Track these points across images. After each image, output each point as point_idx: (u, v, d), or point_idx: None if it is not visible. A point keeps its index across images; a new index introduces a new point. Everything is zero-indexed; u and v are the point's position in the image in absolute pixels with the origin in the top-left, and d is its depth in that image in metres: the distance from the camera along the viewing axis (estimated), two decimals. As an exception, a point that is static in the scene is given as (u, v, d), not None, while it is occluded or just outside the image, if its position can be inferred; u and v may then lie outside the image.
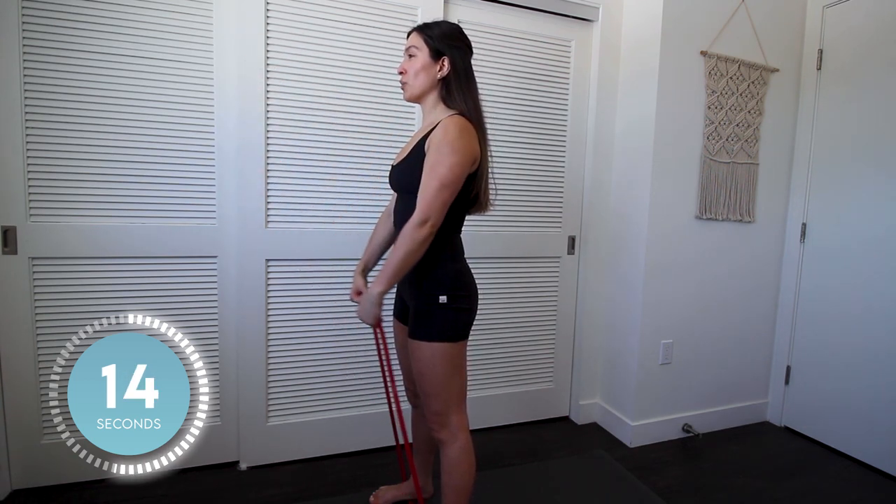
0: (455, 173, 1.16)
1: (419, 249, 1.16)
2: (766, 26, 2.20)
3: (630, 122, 2.19)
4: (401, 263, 1.16)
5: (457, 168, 1.15)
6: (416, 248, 1.16)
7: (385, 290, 1.19)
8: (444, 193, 1.15)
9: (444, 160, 1.15)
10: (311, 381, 1.91)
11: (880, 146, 2.01)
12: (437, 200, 1.15)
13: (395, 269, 1.17)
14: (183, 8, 1.65)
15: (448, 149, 1.15)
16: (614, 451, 2.09)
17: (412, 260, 1.17)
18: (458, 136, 1.16)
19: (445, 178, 1.15)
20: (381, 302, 1.21)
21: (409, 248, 1.15)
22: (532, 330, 2.28)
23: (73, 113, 1.58)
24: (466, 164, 1.18)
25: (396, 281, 1.20)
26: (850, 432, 2.11)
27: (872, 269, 2.04)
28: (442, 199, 1.15)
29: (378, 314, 1.23)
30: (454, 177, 1.16)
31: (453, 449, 1.27)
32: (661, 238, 2.11)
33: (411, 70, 1.26)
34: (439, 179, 1.14)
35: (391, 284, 1.18)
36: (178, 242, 1.72)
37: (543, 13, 2.10)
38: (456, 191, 1.18)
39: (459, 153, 1.15)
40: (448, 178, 1.15)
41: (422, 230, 1.14)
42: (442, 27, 1.26)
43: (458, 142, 1.16)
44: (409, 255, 1.16)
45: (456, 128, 1.17)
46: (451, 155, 1.15)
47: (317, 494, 1.71)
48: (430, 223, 1.15)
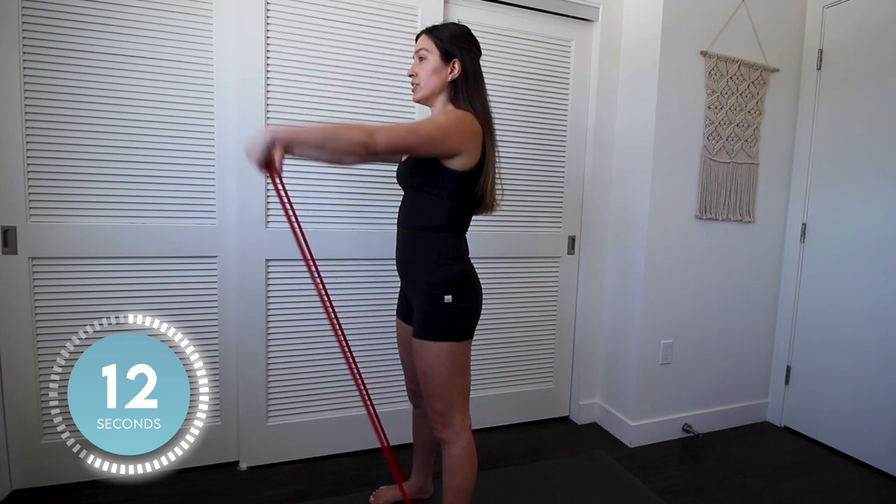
0: (432, 132, 1.14)
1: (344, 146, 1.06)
2: (766, 26, 2.20)
3: (630, 122, 2.19)
4: (322, 135, 1.07)
5: (438, 130, 1.15)
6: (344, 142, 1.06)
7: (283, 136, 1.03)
8: (409, 136, 1.12)
9: (434, 119, 1.19)
10: (311, 381, 1.91)
11: (880, 146, 2.01)
12: (397, 133, 1.11)
13: (315, 135, 1.07)
14: (183, 8, 1.65)
15: (444, 116, 1.19)
16: (614, 451, 2.09)
17: (332, 145, 1.06)
18: (459, 118, 1.19)
19: (422, 128, 1.14)
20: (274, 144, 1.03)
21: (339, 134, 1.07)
22: (532, 330, 2.28)
23: (73, 113, 1.58)
24: (448, 137, 1.16)
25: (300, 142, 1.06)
26: (850, 432, 2.11)
27: (872, 268, 2.04)
28: (403, 137, 1.11)
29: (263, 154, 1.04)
30: (428, 134, 1.14)
31: (456, 448, 1.27)
32: (661, 238, 2.11)
33: (423, 73, 1.27)
34: (417, 124, 1.16)
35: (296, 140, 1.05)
36: (178, 242, 1.72)
37: (543, 13, 2.10)
38: (420, 146, 1.14)
39: (450, 125, 1.17)
40: (424, 129, 1.14)
41: (362, 135, 1.06)
42: (451, 29, 1.27)
43: (455, 119, 1.18)
44: (335, 138, 1.06)
45: (460, 112, 1.21)
46: (443, 119, 1.18)
47: (317, 494, 1.71)
48: (376, 140, 1.06)
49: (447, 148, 1.17)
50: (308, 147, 1.08)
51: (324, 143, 1.07)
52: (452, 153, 1.19)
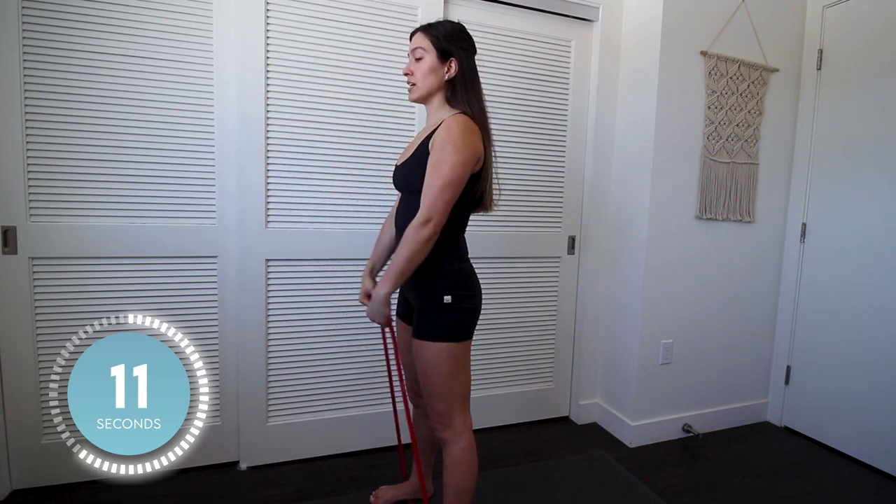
0: (458, 172, 1.15)
1: (423, 249, 1.16)
2: (766, 26, 2.20)
3: (630, 122, 2.19)
4: (405, 263, 1.17)
5: (460, 167, 1.15)
6: (420, 248, 1.16)
7: (391, 291, 1.20)
8: (447, 192, 1.15)
9: (447, 159, 1.15)
10: (311, 381, 1.91)
11: (880, 146, 2.01)
12: (440, 199, 1.14)
13: (400, 269, 1.17)
14: (183, 8, 1.65)
15: (451, 147, 1.15)
16: (614, 451, 2.09)
17: (417, 260, 1.17)
18: (461, 134, 1.16)
19: (448, 177, 1.14)
20: (389, 302, 1.22)
21: (412, 248, 1.15)
22: (532, 330, 2.28)
23: (73, 113, 1.58)
24: (469, 162, 1.18)
25: (402, 281, 1.20)
26: (850, 432, 2.11)
27: (872, 268, 2.04)
28: (445, 198, 1.15)
29: (388, 314, 1.24)
30: (457, 175, 1.15)
31: (456, 448, 1.27)
32: (662, 238, 2.11)
33: (419, 72, 1.26)
34: (442, 178, 1.14)
35: (397, 285, 1.19)
36: (178, 242, 1.72)
37: (543, 13, 2.10)
38: (459, 190, 1.18)
39: (462, 152, 1.15)
40: (451, 176, 1.15)
41: (425, 230, 1.14)
42: (447, 27, 1.26)
43: (460, 140, 1.16)
44: (413, 254, 1.16)
45: (459, 126, 1.17)
46: (454, 154, 1.15)
47: (317, 494, 1.71)
48: (434, 222, 1.14)
49: (473, 170, 1.21)
50: (402, 281, 1.20)
51: (409, 269, 1.18)
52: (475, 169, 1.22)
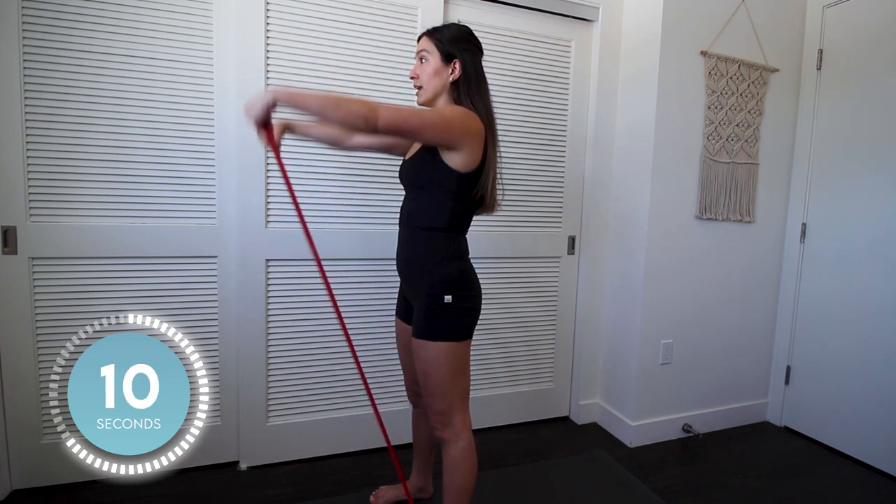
0: (435, 119, 1.16)
1: (345, 116, 1.06)
2: (766, 26, 2.20)
3: (630, 122, 2.19)
4: (323, 102, 1.06)
5: (440, 119, 1.16)
6: (344, 112, 1.05)
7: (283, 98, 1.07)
8: (411, 118, 1.11)
9: (438, 108, 1.23)
10: (311, 381, 1.91)
11: (880, 146, 2.01)
12: (400, 113, 1.10)
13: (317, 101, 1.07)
14: (183, 8, 1.65)
15: (448, 109, 1.22)
16: (614, 451, 2.09)
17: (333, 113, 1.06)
18: (462, 113, 1.20)
19: (425, 114, 1.16)
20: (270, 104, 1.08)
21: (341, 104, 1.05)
22: (532, 330, 2.28)
23: (73, 113, 1.58)
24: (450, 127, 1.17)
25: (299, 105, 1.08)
26: (850, 432, 2.11)
27: (873, 268, 2.04)
28: (405, 118, 1.10)
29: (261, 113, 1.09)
30: (431, 120, 1.15)
31: (456, 448, 1.27)
32: (662, 238, 2.11)
33: (424, 74, 1.27)
34: (421, 110, 1.18)
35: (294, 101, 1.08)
36: (178, 242, 1.72)
37: (543, 13, 2.10)
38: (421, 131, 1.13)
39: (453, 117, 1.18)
40: (427, 115, 1.16)
41: (365, 108, 1.05)
42: (452, 30, 1.27)
43: (458, 114, 1.20)
44: (336, 106, 1.05)
45: (462, 108, 1.22)
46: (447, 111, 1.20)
47: (317, 494, 1.71)
48: (377, 116, 1.06)
49: (448, 138, 1.17)
50: (308, 110, 1.08)
51: (324, 110, 1.06)
52: (452, 145, 1.18)
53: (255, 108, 1.09)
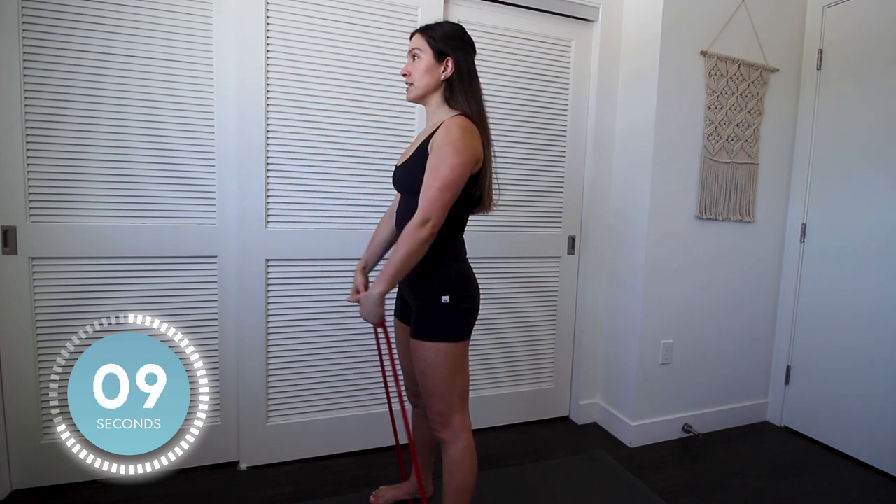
0: (456, 174, 1.16)
1: (420, 250, 1.16)
2: (766, 26, 2.20)
3: (630, 122, 2.19)
4: (402, 263, 1.17)
5: (458, 169, 1.16)
6: (417, 249, 1.16)
7: (386, 290, 1.19)
8: (445, 194, 1.15)
9: (446, 161, 1.15)
10: (311, 381, 1.91)
11: (881, 146, 2.01)
12: (438, 201, 1.15)
13: (397, 268, 1.17)
14: (183, 8, 1.65)
15: (450, 149, 1.15)
16: (614, 451, 2.09)
17: (413, 260, 1.17)
18: (461, 136, 1.16)
19: (447, 179, 1.15)
20: (383, 301, 1.22)
21: (409, 249, 1.15)
22: (532, 330, 2.28)
23: (73, 113, 1.58)
24: (468, 164, 1.18)
25: (397, 281, 1.20)
26: (850, 432, 2.11)
27: (873, 269, 2.03)
28: (443, 199, 1.15)
29: (381, 314, 1.24)
30: (455, 178, 1.16)
31: (456, 449, 1.27)
32: (661, 238, 2.11)
33: (416, 72, 1.27)
34: (441, 180, 1.15)
35: (392, 284, 1.19)
36: (178, 242, 1.72)
37: (543, 13, 2.10)
38: (458, 191, 1.18)
39: (461, 154, 1.16)
40: (450, 178, 1.15)
41: (423, 230, 1.14)
42: (445, 28, 1.27)
43: (460, 142, 1.16)
44: (410, 255, 1.16)
45: (458, 128, 1.17)
46: (453, 156, 1.15)
47: (317, 494, 1.71)
48: (432, 223, 1.15)
49: (472, 170, 1.21)
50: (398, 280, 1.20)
51: (406, 268, 1.18)
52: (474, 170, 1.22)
53: (375, 313, 1.23)
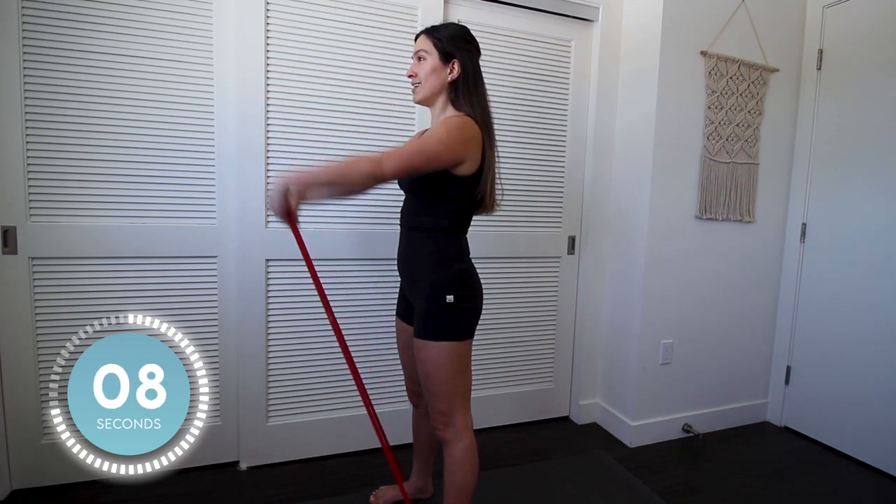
0: (437, 149, 1.15)
1: (358, 182, 1.11)
2: (766, 26, 2.20)
3: (630, 121, 2.19)
4: (334, 175, 1.12)
5: (441, 146, 1.15)
6: (356, 178, 1.10)
7: (296, 184, 1.11)
8: (415, 158, 1.13)
9: (435, 134, 1.17)
10: (311, 381, 1.91)
11: (880, 146, 2.01)
12: (403, 157, 1.12)
13: (327, 176, 1.12)
14: (183, 8, 1.65)
15: (444, 129, 1.18)
16: (614, 451, 2.09)
17: (345, 182, 1.12)
18: (459, 126, 1.18)
19: (427, 147, 1.14)
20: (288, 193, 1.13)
21: (349, 170, 1.11)
22: (532, 330, 2.28)
23: (73, 113, 1.58)
24: (454, 149, 1.17)
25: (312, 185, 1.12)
26: (850, 432, 2.11)
27: (873, 269, 2.03)
28: (409, 159, 1.12)
29: (285, 206, 1.14)
30: (434, 151, 1.15)
31: (457, 448, 1.27)
32: (661, 238, 2.11)
33: (422, 73, 1.27)
34: (421, 144, 1.15)
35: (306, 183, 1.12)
36: (178, 242, 1.72)
37: (543, 13, 2.10)
38: (427, 164, 1.15)
39: (453, 134, 1.17)
40: (429, 148, 1.14)
41: (369, 166, 1.09)
42: (450, 29, 1.27)
43: (456, 130, 1.17)
44: (346, 174, 1.11)
45: (458, 120, 1.20)
46: (444, 133, 1.16)
47: (317, 494, 1.71)
48: (383, 170, 1.10)
49: (451, 161, 1.19)
50: (321, 187, 1.14)
51: (334, 180, 1.12)
52: (457, 164, 1.20)
53: (275, 201, 1.13)
